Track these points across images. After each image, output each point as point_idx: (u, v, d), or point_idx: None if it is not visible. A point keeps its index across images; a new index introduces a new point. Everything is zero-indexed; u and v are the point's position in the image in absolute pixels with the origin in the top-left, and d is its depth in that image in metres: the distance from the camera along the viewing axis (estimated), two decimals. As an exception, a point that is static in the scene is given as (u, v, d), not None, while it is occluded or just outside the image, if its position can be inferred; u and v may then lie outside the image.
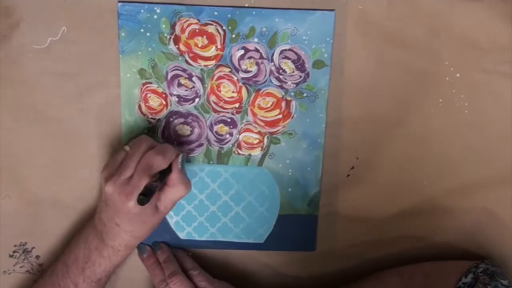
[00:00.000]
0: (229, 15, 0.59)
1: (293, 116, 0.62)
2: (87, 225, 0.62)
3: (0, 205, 0.64)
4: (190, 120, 0.62)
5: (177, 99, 0.62)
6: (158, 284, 0.61)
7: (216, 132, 0.63)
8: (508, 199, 0.65)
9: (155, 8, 0.59)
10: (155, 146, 0.57)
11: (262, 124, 0.63)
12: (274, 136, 0.63)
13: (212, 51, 0.60)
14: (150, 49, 0.60)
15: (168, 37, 0.60)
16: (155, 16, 0.59)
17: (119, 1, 0.59)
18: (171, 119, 0.62)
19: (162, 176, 0.56)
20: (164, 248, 0.65)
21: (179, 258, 0.64)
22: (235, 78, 0.61)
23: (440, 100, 0.62)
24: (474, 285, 0.56)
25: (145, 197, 0.52)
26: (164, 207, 0.59)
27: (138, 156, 0.56)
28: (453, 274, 0.58)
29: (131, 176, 0.55)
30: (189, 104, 0.62)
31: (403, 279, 0.62)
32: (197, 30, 0.60)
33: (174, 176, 0.57)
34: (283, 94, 0.62)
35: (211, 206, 0.65)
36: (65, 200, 0.64)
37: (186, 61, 0.61)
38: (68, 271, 0.60)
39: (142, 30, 0.60)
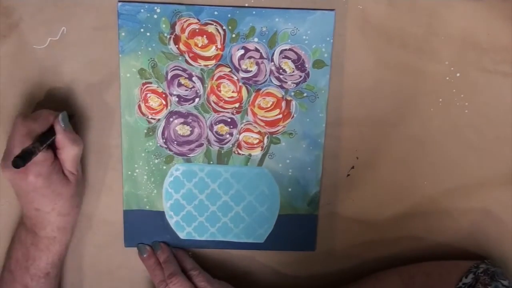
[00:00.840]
0: (229, 15, 0.59)
1: (293, 116, 0.62)
2: (17, 227, 0.61)
3: (0, 208, 0.64)
4: (190, 120, 0.62)
5: (177, 99, 0.62)
6: (158, 284, 0.61)
7: (216, 132, 0.63)
8: (508, 199, 0.65)
9: (155, 8, 0.59)
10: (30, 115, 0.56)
11: (262, 124, 0.63)
12: (274, 136, 0.63)
13: (212, 51, 0.60)
14: (150, 49, 0.60)
15: (168, 37, 0.60)
16: (155, 16, 0.59)
17: (119, 1, 0.59)
18: (171, 119, 0.62)
19: (45, 139, 0.55)
20: (164, 248, 0.65)
21: (179, 258, 0.64)
22: (235, 78, 0.61)
23: (440, 100, 0.62)
24: (475, 286, 0.56)
25: (20, 159, 0.50)
26: (68, 171, 0.57)
27: (15, 131, 0.55)
28: (453, 274, 0.58)
29: None
30: (189, 104, 0.62)
31: (403, 279, 0.62)
32: (197, 30, 0.60)
33: (59, 137, 0.56)
34: (283, 94, 0.62)
35: (211, 206, 0.65)
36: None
37: (186, 61, 0.61)
38: (14, 276, 0.59)
39: (142, 30, 0.60)
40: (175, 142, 0.63)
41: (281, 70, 0.61)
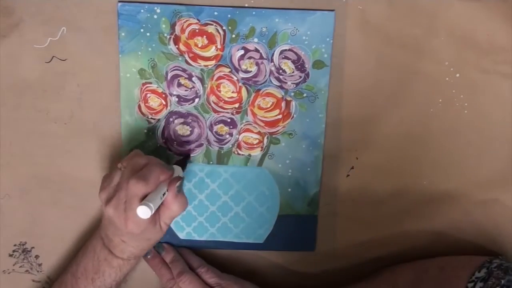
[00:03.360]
0: (229, 15, 0.59)
1: (293, 117, 0.62)
2: (94, 236, 0.61)
3: (0, 205, 0.64)
4: (190, 120, 0.62)
5: (177, 99, 0.62)
6: (166, 283, 0.61)
7: (216, 132, 0.63)
8: (508, 200, 0.65)
9: (155, 8, 0.59)
10: (145, 164, 0.56)
11: (262, 124, 0.63)
12: (274, 136, 0.63)
13: (212, 51, 0.60)
14: (150, 49, 0.60)
15: (168, 37, 0.60)
16: (155, 16, 0.59)
17: (119, 1, 0.59)
18: (171, 119, 0.62)
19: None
20: (168, 248, 0.65)
21: (185, 257, 0.64)
22: (235, 78, 0.61)
23: (440, 100, 0.62)
24: (488, 279, 0.56)
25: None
26: (164, 223, 0.58)
27: (126, 181, 0.55)
28: (466, 268, 0.58)
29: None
30: (189, 104, 0.62)
31: (417, 272, 0.62)
32: (197, 30, 0.60)
33: (168, 199, 0.56)
34: (283, 94, 0.62)
35: (211, 206, 0.65)
36: (65, 200, 0.64)
37: (186, 61, 0.61)
38: (78, 282, 0.60)
39: (142, 30, 0.60)
40: (175, 142, 0.63)
41: (281, 71, 0.61)
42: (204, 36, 0.60)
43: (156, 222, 0.57)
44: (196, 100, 0.62)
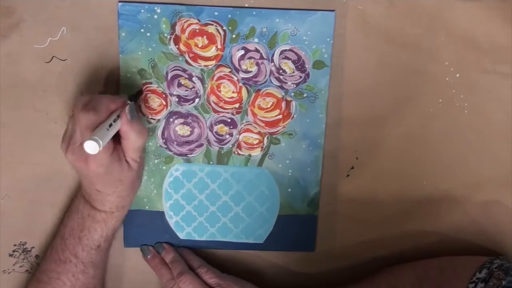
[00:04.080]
0: (229, 15, 0.59)
1: (293, 117, 0.62)
2: (76, 197, 0.62)
3: (0, 205, 0.64)
4: (190, 121, 0.62)
5: (177, 99, 0.62)
6: (167, 284, 0.61)
7: (216, 132, 0.63)
8: (508, 200, 0.65)
9: (156, 8, 0.59)
10: (91, 100, 0.55)
11: (262, 124, 0.63)
12: (274, 136, 0.63)
13: (212, 51, 0.60)
14: (150, 49, 0.60)
15: (168, 37, 0.60)
16: (155, 16, 0.59)
17: (119, 1, 0.59)
18: (171, 119, 0.62)
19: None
20: (168, 248, 0.64)
21: (185, 257, 0.64)
22: (235, 78, 0.61)
23: (440, 100, 0.62)
24: (489, 280, 0.56)
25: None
26: (131, 158, 0.57)
27: (77, 117, 0.54)
28: (467, 269, 0.58)
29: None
30: (189, 104, 0.62)
31: (417, 273, 0.62)
32: (197, 30, 0.60)
33: (123, 128, 0.55)
34: (283, 94, 0.62)
35: (211, 207, 0.65)
36: (65, 200, 0.64)
37: (186, 61, 0.61)
38: (66, 243, 0.60)
39: (142, 30, 0.59)
40: (175, 143, 0.63)
41: (281, 71, 0.61)
42: (205, 36, 0.60)
43: (121, 158, 0.56)
44: (196, 100, 0.62)
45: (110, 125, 0.53)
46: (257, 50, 0.60)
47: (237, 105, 0.62)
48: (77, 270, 0.60)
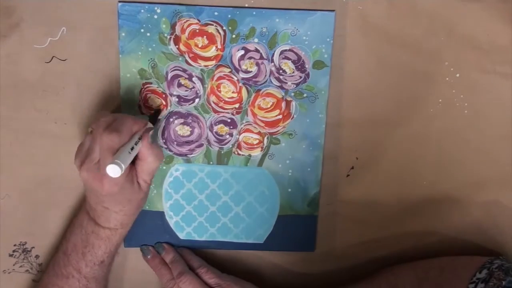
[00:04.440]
0: (229, 16, 0.59)
1: (293, 117, 0.62)
2: (79, 212, 0.61)
3: (0, 205, 0.64)
4: (190, 121, 0.62)
5: (177, 99, 0.62)
6: (166, 284, 0.61)
7: (216, 132, 0.63)
8: (508, 199, 0.65)
9: (156, 8, 0.59)
10: (115, 119, 0.55)
11: (262, 124, 0.63)
12: (274, 136, 0.63)
13: (212, 51, 0.60)
14: (150, 49, 0.60)
15: (168, 37, 0.60)
16: (156, 16, 0.59)
17: (119, 1, 0.59)
18: (171, 120, 0.62)
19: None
20: (168, 248, 0.64)
21: (185, 257, 0.64)
22: (235, 78, 0.61)
23: (440, 100, 0.62)
24: (489, 280, 0.56)
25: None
26: (143, 180, 0.57)
27: (97, 138, 0.54)
28: (467, 269, 0.58)
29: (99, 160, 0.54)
30: (189, 105, 0.62)
31: (418, 273, 0.62)
32: (197, 30, 0.60)
33: (142, 150, 0.56)
34: (283, 94, 0.62)
35: (211, 207, 0.65)
36: (65, 200, 0.64)
37: (186, 61, 0.61)
38: (69, 259, 0.60)
39: (142, 30, 0.60)
40: (175, 143, 0.63)
41: (281, 71, 0.61)
42: (204, 36, 0.60)
43: (134, 180, 0.56)
44: (196, 100, 0.62)
45: (132, 148, 0.53)
46: (257, 50, 0.60)
47: (237, 105, 0.62)
48: (79, 285, 0.60)
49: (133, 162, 0.56)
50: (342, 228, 0.66)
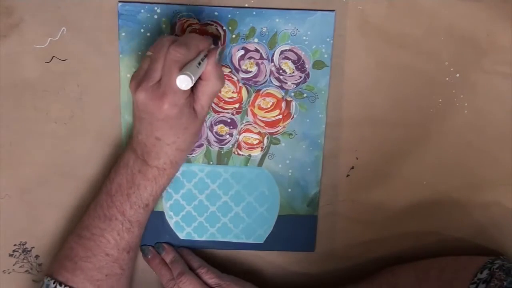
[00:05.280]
0: (229, 16, 0.59)
1: (293, 117, 0.62)
2: (124, 152, 0.59)
3: (0, 205, 0.64)
4: (190, 120, 0.62)
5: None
6: (167, 284, 0.61)
7: (216, 132, 0.63)
8: (508, 200, 0.65)
9: (155, 8, 0.59)
10: (178, 39, 0.53)
11: (262, 124, 0.63)
12: (274, 136, 0.63)
13: (212, 51, 0.60)
14: (150, 49, 0.60)
15: (168, 37, 0.60)
16: (155, 16, 0.59)
17: (119, 1, 0.59)
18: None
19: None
20: (168, 248, 0.64)
21: (185, 257, 0.64)
22: (235, 78, 0.61)
23: (440, 100, 0.62)
24: (490, 281, 0.56)
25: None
26: (201, 106, 0.55)
27: (162, 56, 0.52)
28: (468, 270, 0.58)
29: (159, 80, 0.52)
30: (189, 104, 0.62)
31: (418, 273, 0.62)
32: (197, 31, 0.60)
33: (208, 69, 0.53)
34: (283, 94, 0.62)
35: (211, 207, 0.65)
36: (65, 200, 0.64)
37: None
38: (113, 200, 0.58)
39: (142, 30, 0.60)
40: (175, 143, 0.63)
41: (281, 71, 0.61)
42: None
43: (191, 105, 0.54)
44: (196, 100, 0.62)
45: (199, 64, 0.52)
46: (257, 50, 0.60)
47: (237, 105, 0.62)
48: (123, 229, 0.58)
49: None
50: (342, 228, 0.66)
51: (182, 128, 0.55)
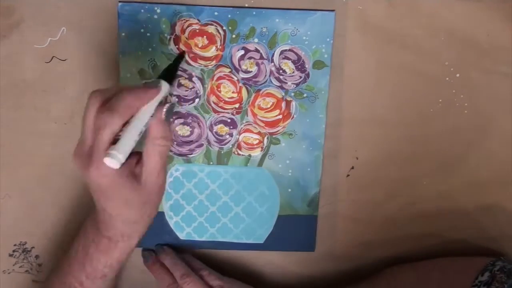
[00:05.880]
0: (229, 16, 0.59)
1: (293, 117, 0.62)
2: (89, 214, 0.56)
3: (0, 205, 0.64)
4: (190, 121, 0.62)
5: (177, 99, 0.62)
6: None
7: (216, 132, 0.63)
8: (508, 200, 0.65)
9: (155, 8, 0.59)
10: (114, 94, 0.46)
11: (262, 124, 0.63)
12: (274, 136, 0.63)
13: (212, 52, 0.60)
14: (150, 49, 0.60)
15: (168, 37, 0.60)
16: (155, 16, 0.59)
17: (119, 1, 0.59)
18: (171, 120, 0.62)
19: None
20: (167, 251, 0.64)
21: (185, 260, 0.63)
22: (235, 78, 0.61)
23: (440, 100, 0.62)
24: (491, 284, 0.56)
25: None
26: (147, 171, 0.46)
27: (90, 119, 0.45)
28: (469, 272, 0.58)
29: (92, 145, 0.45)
30: (189, 105, 0.62)
31: (419, 274, 0.62)
32: (197, 31, 0.60)
33: (153, 128, 0.45)
34: (283, 94, 0.62)
35: (211, 207, 0.65)
36: (65, 200, 0.64)
37: (186, 61, 0.61)
38: (71, 267, 0.55)
39: (142, 31, 0.60)
40: (175, 143, 0.63)
41: (281, 71, 0.61)
42: (204, 36, 0.60)
43: (131, 172, 0.46)
44: (196, 100, 0.62)
45: (140, 133, 0.45)
46: (257, 50, 0.60)
47: (237, 105, 0.62)
48: None
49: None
50: (342, 228, 0.66)
51: (123, 200, 0.47)
